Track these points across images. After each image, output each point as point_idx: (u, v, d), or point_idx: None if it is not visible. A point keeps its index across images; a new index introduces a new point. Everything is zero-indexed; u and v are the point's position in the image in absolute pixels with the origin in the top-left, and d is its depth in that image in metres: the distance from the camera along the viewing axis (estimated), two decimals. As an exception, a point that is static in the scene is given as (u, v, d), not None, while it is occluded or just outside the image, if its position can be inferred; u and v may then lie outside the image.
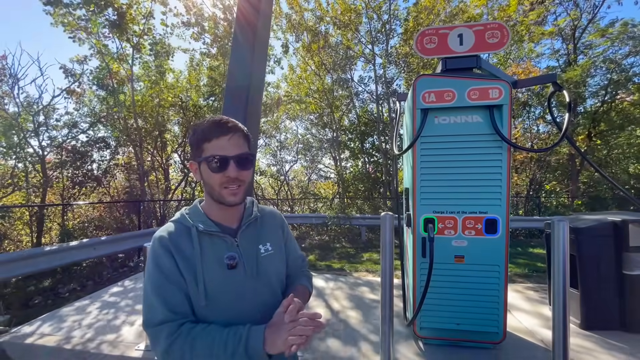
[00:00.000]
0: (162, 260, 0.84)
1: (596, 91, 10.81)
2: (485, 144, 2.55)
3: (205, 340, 0.79)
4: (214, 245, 0.90)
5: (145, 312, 0.84)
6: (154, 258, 0.85)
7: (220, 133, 0.87)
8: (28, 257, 4.14)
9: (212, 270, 0.87)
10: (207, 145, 0.87)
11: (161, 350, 0.80)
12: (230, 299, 0.88)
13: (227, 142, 0.87)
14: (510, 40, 2.49)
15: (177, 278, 0.83)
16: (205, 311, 0.86)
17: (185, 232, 0.89)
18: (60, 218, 9.38)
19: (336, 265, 6.70)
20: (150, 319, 0.82)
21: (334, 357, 2.69)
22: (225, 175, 0.87)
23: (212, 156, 0.86)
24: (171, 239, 0.87)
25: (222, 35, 12.32)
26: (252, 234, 0.98)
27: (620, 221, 2.99)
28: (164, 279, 0.83)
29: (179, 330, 0.80)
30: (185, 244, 0.87)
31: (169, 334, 0.79)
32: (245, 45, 3.62)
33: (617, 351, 2.68)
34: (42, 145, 9.75)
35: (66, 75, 10.53)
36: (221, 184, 0.88)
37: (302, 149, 16.52)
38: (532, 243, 8.85)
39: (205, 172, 0.89)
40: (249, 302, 0.90)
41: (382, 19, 12.61)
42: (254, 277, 0.93)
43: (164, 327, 0.80)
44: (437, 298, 2.66)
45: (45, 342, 2.98)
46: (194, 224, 0.90)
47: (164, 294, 0.82)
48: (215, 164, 0.86)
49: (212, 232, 0.90)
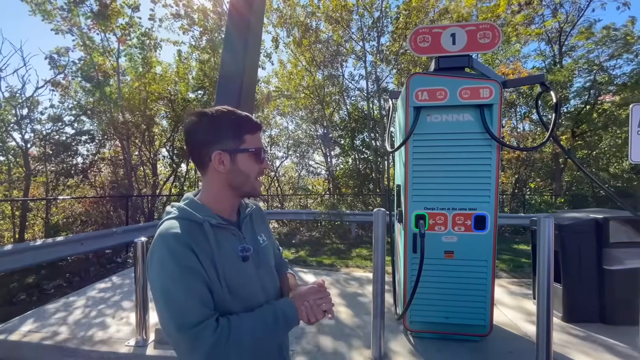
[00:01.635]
0: (185, 259, 0.79)
1: (579, 92, 11.12)
2: (475, 142, 2.61)
3: (247, 327, 0.81)
4: (227, 239, 0.89)
5: (175, 317, 0.77)
6: (173, 258, 0.78)
7: (257, 128, 0.94)
8: (13, 253, 4.04)
9: (230, 264, 0.87)
10: (250, 137, 0.91)
11: (207, 348, 0.75)
12: (247, 290, 0.90)
13: (259, 137, 0.95)
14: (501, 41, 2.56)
15: (203, 275, 0.80)
16: (227, 305, 0.84)
17: (196, 227, 0.85)
18: (45, 213, 9.13)
19: (327, 262, 6.75)
20: (186, 321, 0.76)
21: (325, 352, 2.73)
22: (264, 166, 0.95)
23: (258, 148, 0.92)
24: (188, 236, 0.82)
25: (212, 28, 12.13)
26: (251, 226, 1.01)
27: (602, 218, 3.11)
28: (193, 278, 0.79)
29: (219, 325, 0.78)
30: (201, 239, 0.83)
31: (213, 329, 0.76)
32: (238, 40, 3.58)
33: (597, 342, 2.80)
34: (25, 138, 9.45)
35: (52, 66, 10.21)
36: (258, 174, 0.94)
37: (292, 144, 16.47)
38: (517, 239, 9.10)
39: (245, 163, 0.90)
40: (260, 293, 0.94)
41: (373, 16, 12.63)
42: (261, 267, 0.97)
43: (206, 325, 0.76)
44: (427, 292, 2.72)
45: (31, 339, 2.92)
46: (205, 219, 0.86)
47: (198, 293, 0.79)
48: (260, 156, 0.92)
49: (223, 226, 0.89)
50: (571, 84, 10.91)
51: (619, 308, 3.04)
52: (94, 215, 9.07)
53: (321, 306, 0.91)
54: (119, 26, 10.75)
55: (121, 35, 10.87)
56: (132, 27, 11.01)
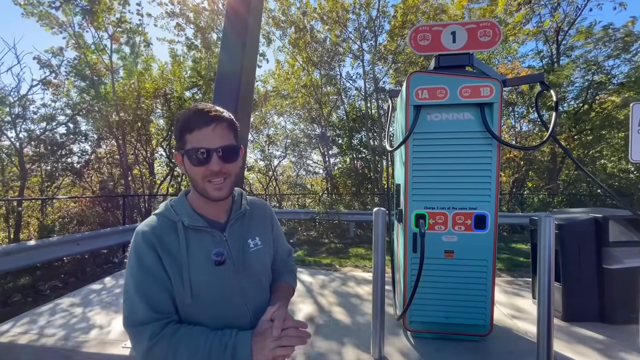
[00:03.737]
0: (145, 257, 0.79)
1: (578, 92, 11.16)
2: (476, 141, 2.59)
3: (189, 345, 0.76)
4: (201, 240, 0.85)
5: (126, 310, 0.79)
6: (136, 254, 0.80)
7: (202, 123, 0.81)
8: (7, 253, 3.98)
9: (198, 267, 0.82)
10: (189, 136, 0.81)
11: (142, 351, 0.76)
12: (217, 296, 0.84)
13: (211, 133, 0.81)
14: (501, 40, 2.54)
15: (160, 276, 0.79)
16: (190, 309, 0.82)
17: (170, 226, 0.84)
18: (39, 213, 9.04)
19: (325, 261, 6.73)
20: (132, 317, 0.78)
21: (324, 353, 2.70)
22: (208, 168, 0.81)
23: (193, 148, 0.80)
24: (155, 234, 0.82)
25: (207, 26, 12.06)
26: (241, 228, 0.94)
27: (601, 217, 3.11)
28: (146, 277, 0.79)
29: (162, 332, 0.76)
30: (170, 239, 0.82)
31: (152, 335, 0.76)
32: (235, 41, 3.54)
33: (597, 341, 2.80)
34: (20, 137, 9.34)
35: (41, 66, 10.07)
36: (204, 177, 0.83)
37: (290, 144, 16.44)
38: (515, 238, 9.13)
39: (188, 164, 0.83)
40: (237, 300, 0.87)
41: (370, 15, 12.62)
42: (242, 273, 0.89)
43: (147, 328, 0.76)
44: (427, 292, 2.70)
45: (26, 341, 2.87)
46: (179, 218, 0.84)
47: (147, 292, 0.78)
48: (197, 157, 0.80)
49: (199, 227, 0.85)
50: (571, 83, 10.94)
51: (618, 307, 3.03)
52: (90, 215, 8.98)
53: (276, 350, 0.76)
54: (111, 23, 10.64)
55: (113, 33, 10.76)
56: (123, 23, 10.91)
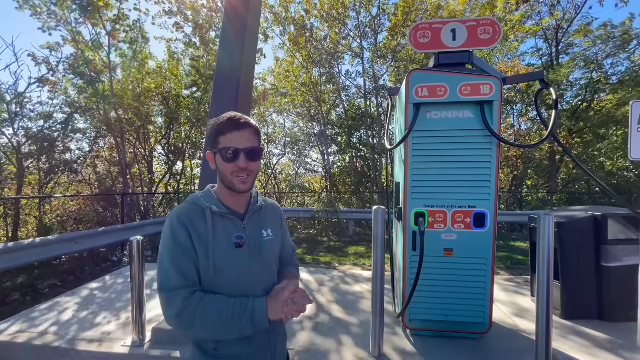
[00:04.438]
0: (179, 234, 0.95)
1: (577, 90, 11.16)
2: (475, 139, 2.59)
3: (215, 307, 0.91)
4: (224, 225, 1.02)
5: (160, 278, 0.95)
6: (171, 232, 0.96)
7: (233, 127, 0.99)
8: (6, 252, 3.97)
9: (221, 247, 0.99)
10: (222, 138, 0.99)
11: (175, 312, 0.91)
12: (235, 274, 1.00)
13: (239, 136, 0.99)
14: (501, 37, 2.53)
15: (190, 251, 0.95)
16: (213, 283, 0.97)
17: (200, 212, 1.01)
18: (37, 211, 9.00)
19: (324, 259, 6.73)
20: (166, 284, 0.93)
21: (323, 350, 2.70)
22: (236, 165, 0.99)
23: (225, 148, 0.98)
24: (188, 217, 0.98)
25: (204, 24, 11.99)
26: (257, 219, 1.10)
27: (600, 215, 3.11)
28: (179, 251, 0.95)
29: (191, 296, 0.92)
30: (200, 222, 0.99)
31: (183, 298, 0.91)
32: (234, 38, 3.52)
33: (595, 339, 2.81)
34: (17, 134, 9.28)
35: (36, 63, 9.97)
36: (232, 172, 1.00)
37: (289, 142, 16.41)
38: (513, 236, 9.15)
39: (219, 161, 1.02)
40: (250, 278, 1.03)
41: (371, 13, 12.56)
42: (256, 257, 1.05)
43: (178, 293, 0.91)
44: (426, 290, 2.70)
45: (24, 340, 2.87)
46: (208, 206, 1.01)
47: (179, 264, 0.94)
48: (228, 155, 0.98)
49: (223, 214, 1.02)
50: (570, 83, 10.95)
51: (616, 305, 3.05)
52: (88, 213, 8.95)
53: (292, 304, 0.94)
54: (108, 19, 10.56)
55: (111, 30, 10.68)
56: (121, 19, 10.83)
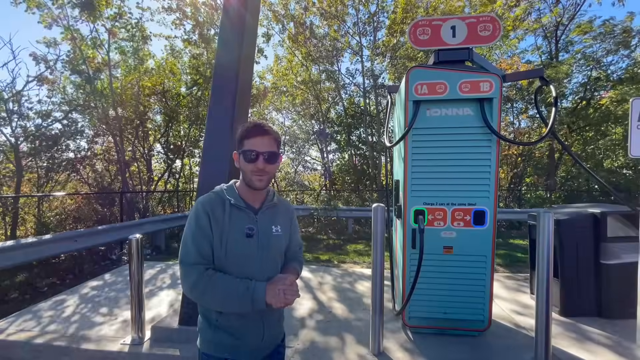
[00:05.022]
0: (201, 218, 1.12)
1: (577, 88, 11.15)
2: (475, 137, 2.58)
3: (222, 284, 1.08)
4: (239, 216, 1.17)
5: (182, 253, 1.12)
6: (196, 215, 1.13)
7: (257, 133, 1.14)
8: (4, 250, 3.96)
9: (233, 235, 1.13)
10: (247, 141, 1.14)
11: (191, 283, 1.08)
12: (242, 259, 1.14)
13: (261, 141, 1.13)
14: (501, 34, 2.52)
15: (208, 234, 1.12)
16: (222, 263, 1.13)
17: (221, 202, 1.17)
18: (36, 210, 8.98)
19: (323, 257, 6.73)
20: (186, 258, 1.11)
21: (324, 347, 2.70)
22: (255, 165, 1.13)
23: (248, 150, 1.13)
24: (210, 205, 1.15)
25: (204, 21, 11.93)
26: (269, 215, 1.24)
27: (600, 213, 3.11)
28: (200, 232, 1.11)
29: (205, 272, 1.09)
30: (219, 211, 1.15)
31: (199, 273, 1.08)
32: (233, 36, 3.50)
33: (595, 336, 2.81)
34: (15, 133, 9.24)
35: (37, 62, 9.92)
36: (252, 171, 1.14)
37: (288, 140, 16.38)
38: (513, 234, 9.16)
39: (242, 161, 1.16)
40: (256, 266, 1.16)
41: (370, 11, 12.52)
42: (264, 248, 1.18)
43: (195, 267, 1.09)
44: (425, 288, 2.70)
45: (24, 338, 2.86)
46: (228, 198, 1.17)
47: (198, 243, 1.11)
48: (250, 157, 1.13)
49: (240, 207, 1.17)
50: (569, 79, 10.93)
51: (616, 302, 3.05)
52: (87, 212, 8.93)
53: (286, 295, 1.08)
54: (109, 17, 10.50)
55: (111, 27, 10.62)
56: (122, 17, 10.76)
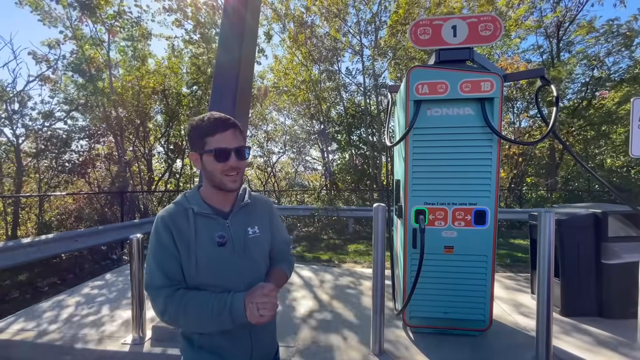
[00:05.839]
0: (162, 236, 1.00)
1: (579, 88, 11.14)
2: (476, 137, 2.58)
3: (196, 303, 0.96)
4: (207, 225, 1.04)
5: (147, 278, 1.01)
6: (156, 234, 1.02)
7: (222, 128, 1.01)
8: (5, 250, 3.96)
9: (204, 246, 1.02)
10: (210, 139, 1.00)
11: (160, 308, 0.97)
12: (217, 271, 1.03)
13: (228, 136, 1.01)
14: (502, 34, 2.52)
15: (173, 251, 1.00)
16: (196, 280, 1.01)
17: (183, 212, 1.04)
18: (37, 209, 8.99)
19: (324, 257, 6.73)
20: (152, 283, 0.99)
21: (324, 347, 2.70)
22: (227, 164, 1.01)
23: (216, 148, 1.00)
24: (171, 218, 1.03)
25: (205, 21, 11.93)
26: (242, 217, 1.12)
27: (601, 213, 3.11)
28: (163, 252, 1.00)
29: (175, 294, 0.97)
30: (183, 222, 1.02)
31: (167, 296, 0.96)
32: (233, 36, 3.50)
33: (595, 336, 2.81)
34: (17, 133, 9.26)
35: (37, 61, 9.92)
36: (223, 172, 1.02)
37: (289, 140, 16.38)
38: (513, 234, 9.15)
39: (208, 162, 1.02)
40: (234, 275, 1.05)
41: (372, 10, 12.51)
42: (241, 254, 1.07)
43: (163, 291, 0.97)
44: (426, 288, 2.70)
45: (24, 338, 2.87)
46: (190, 207, 1.04)
47: (162, 264, 0.99)
48: (219, 155, 1.00)
49: (206, 214, 1.05)
50: (571, 79, 10.91)
51: (617, 302, 3.05)
52: (88, 212, 8.95)
53: (260, 310, 0.93)
54: (108, 16, 10.51)
55: (111, 27, 10.63)
56: (121, 16, 10.76)
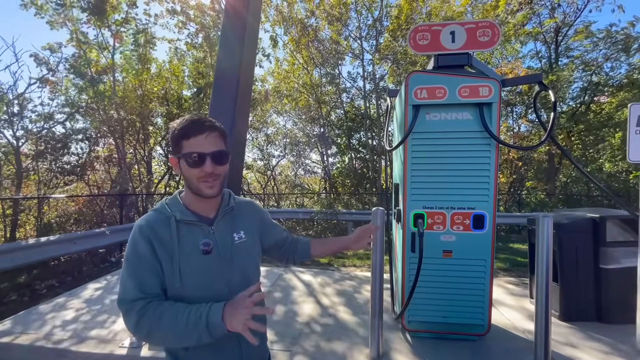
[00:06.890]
0: (139, 246, 0.93)
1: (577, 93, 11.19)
2: (474, 141, 2.60)
3: (169, 317, 0.87)
4: (190, 233, 0.98)
5: (120, 291, 0.93)
6: (133, 244, 0.94)
7: (197, 131, 0.94)
8: (3, 252, 3.96)
9: (188, 255, 0.95)
10: (185, 142, 0.94)
11: (132, 324, 0.89)
12: (203, 280, 0.97)
13: (204, 140, 0.94)
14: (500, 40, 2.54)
15: (151, 263, 0.92)
16: (180, 291, 0.95)
17: (164, 220, 0.97)
18: (37, 211, 8.99)
19: (323, 260, 6.72)
20: (124, 297, 0.91)
21: (323, 351, 2.70)
22: (202, 170, 0.94)
23: (190, 153, 0.93)
24: (150, 227, 0.95)
25: (209, 25, 12.01)
26: (228, 222, 1.06)
27: (599, 217, 3.12)
28: (139, 263, 0.92)
29: (147, 307, 0.89)
30: (164, 231, 0.95)
31: (140, 309, 0.89)
32: (234, 38, 3.54)
33: (594, 341, 2.81)
34: (17, 135, 9.28)
35: (38, 64, 9.97)
36: (199, 178, 0.95)
37: (289, 143, 16.41)
38: (513, 238, 9.14)
39: (184, 167, 0.96)
40: (221, 285, 0.99)
41: (373, 15, 12.59)
42: (228, 262, 1.02)
43: (136, 304, 0.89)
44: (425, 292, 2.70)
45: (22, 341, 2.86)
46: (172, 214, 0.97)
47: (138, 276, 0.92)
48: (193, 160, 0.93)
49: (189, 221, 0.98)
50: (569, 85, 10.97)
51: (615, 307, 3.05)
52: (88, 214, 8.94)
53: (243, 321, 0.83)
54: (115, 22, 10.59)
55: (116, 32, 10.71)
56: (129, 23, 10.85)
